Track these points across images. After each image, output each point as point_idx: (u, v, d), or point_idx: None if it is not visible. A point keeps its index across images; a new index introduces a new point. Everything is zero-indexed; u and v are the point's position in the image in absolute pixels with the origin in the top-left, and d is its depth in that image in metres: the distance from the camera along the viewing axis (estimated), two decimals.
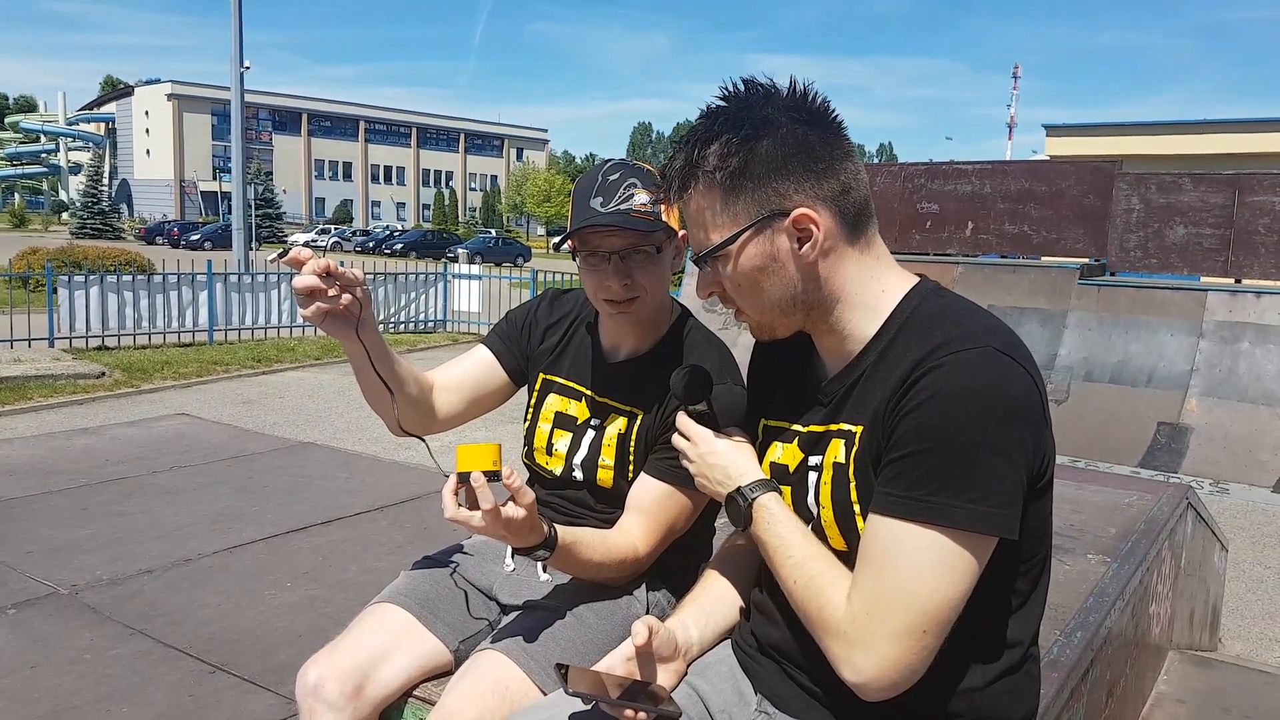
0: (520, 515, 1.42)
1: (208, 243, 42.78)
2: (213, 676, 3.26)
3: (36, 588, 3.92)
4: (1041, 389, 1.17)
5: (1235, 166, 12.36)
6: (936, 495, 1.11)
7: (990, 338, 1.16)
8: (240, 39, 18.97)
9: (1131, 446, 8.17)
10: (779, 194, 1.21)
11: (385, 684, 1.68)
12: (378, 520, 5.02)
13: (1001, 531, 1.13)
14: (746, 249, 1.23)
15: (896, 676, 1.14)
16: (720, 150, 1.21)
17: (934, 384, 1.12)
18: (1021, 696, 1.30)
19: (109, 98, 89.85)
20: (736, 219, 1.23)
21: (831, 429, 1.29)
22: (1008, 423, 1.11)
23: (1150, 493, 3.31)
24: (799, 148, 1.21)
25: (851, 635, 1.15)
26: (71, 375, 9.44)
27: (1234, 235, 9.41)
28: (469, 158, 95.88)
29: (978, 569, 1.13)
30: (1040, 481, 1.19)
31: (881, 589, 1.14)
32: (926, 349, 1.16)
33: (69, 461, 6.04)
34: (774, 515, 1.29)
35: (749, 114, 1.22)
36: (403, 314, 15.23)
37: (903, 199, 11.19)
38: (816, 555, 1.24)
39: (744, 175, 1.21)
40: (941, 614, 1.12)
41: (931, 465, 1.11)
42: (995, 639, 1.25)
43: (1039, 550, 1.26)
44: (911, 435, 1.13)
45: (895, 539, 1.14)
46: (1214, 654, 3.89)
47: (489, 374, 1.87)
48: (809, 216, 1.21)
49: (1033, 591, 1.28)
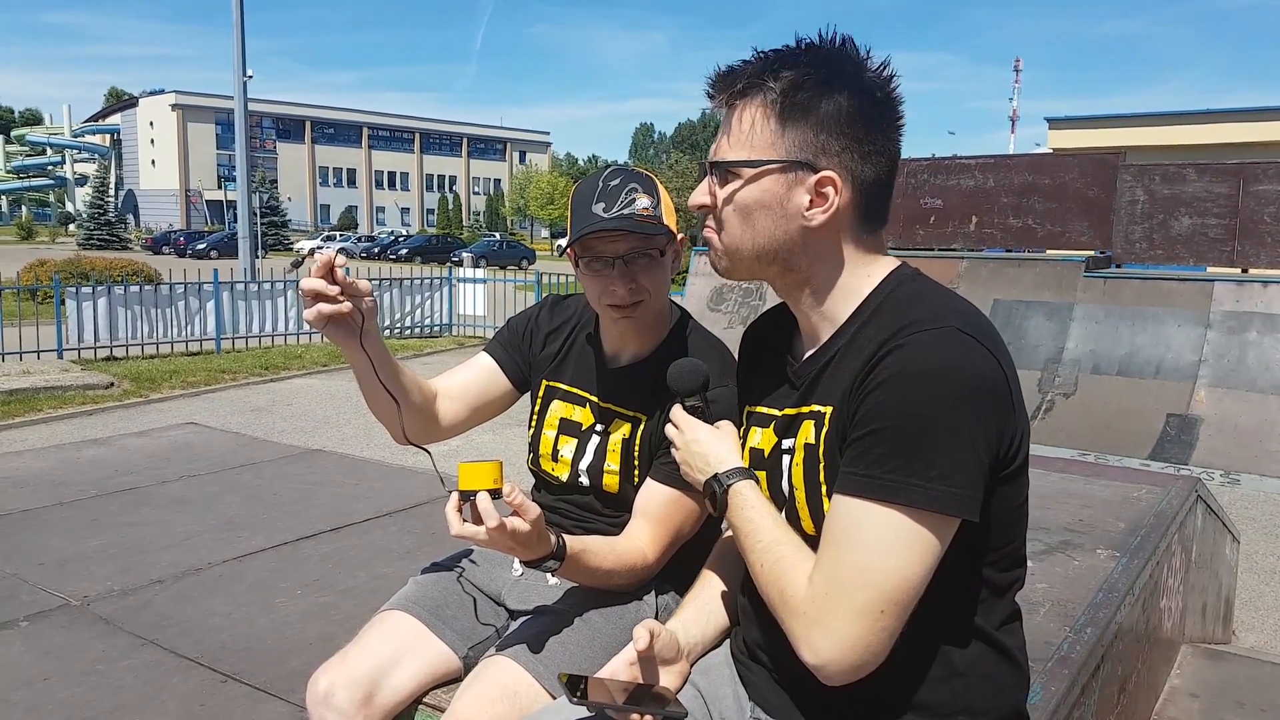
0: (526, 529, 1.42)
1: (214, 251, 42.89)
2: (224, 686, 3.27)
3: (48, 599, 3.94)
4: (1009, 372, 1.16)
5: (1240, 156, 12.31)
6: (896, 474, 1.10)
7: (955, 319, 1.15)
8: (243, 48, 19.00)
9: (1141, 439, 8.14)
10: (821, 149, 1.20)
11: (395, 691, 1.69)
12: (386, 526, 5.03)
13: (962, 512, 1.12)
14: (763, 180, 1.22)
15: (855, 657, 1.12)
16: (795, 78, 1.20)
17: (895, 363, 1.12)
18: (1006, 686, 1.29)
19: (114, 109, 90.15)
20: (773, 148, 1.21)
21: (803, 411, 1.29)
22: (968, 402, 1.10)
23: (1159, 486, 3.30)
24: (861, 119, 1.20)
25: (811, 614, 1.15)
26: (80, 386, 9.48)
27: (1239, 225, 9.38)
28: (472, 162, 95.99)
29: (939, 549, 1.13)
30: (1009, 467, 1.18)
31: (841, 568, 1.14)
32: (892, 330, 1.16)
33: (79, 472, 6.06)
34: (747, 500, 1.29)
35: (837, 63, 1.21)
36: (408, 319, 15.25)
37: (906, 195, 11.17)
38: (784, 539, 1.24)
39: (804, 113, 1.20)
40: (900, 594, 1.11)
41: (891, 444, 1.11)
42: (969, 627, 1.24)
43: (1010, 539, 1.25)
44: (872, 414, 1.13)
45: (855, 517, 1.13)
46: (1227, 647, 3.87)
47: (491, 381, 1.88)
48: (833, 181, 1.20)
49: (1009, 581, 1.27)
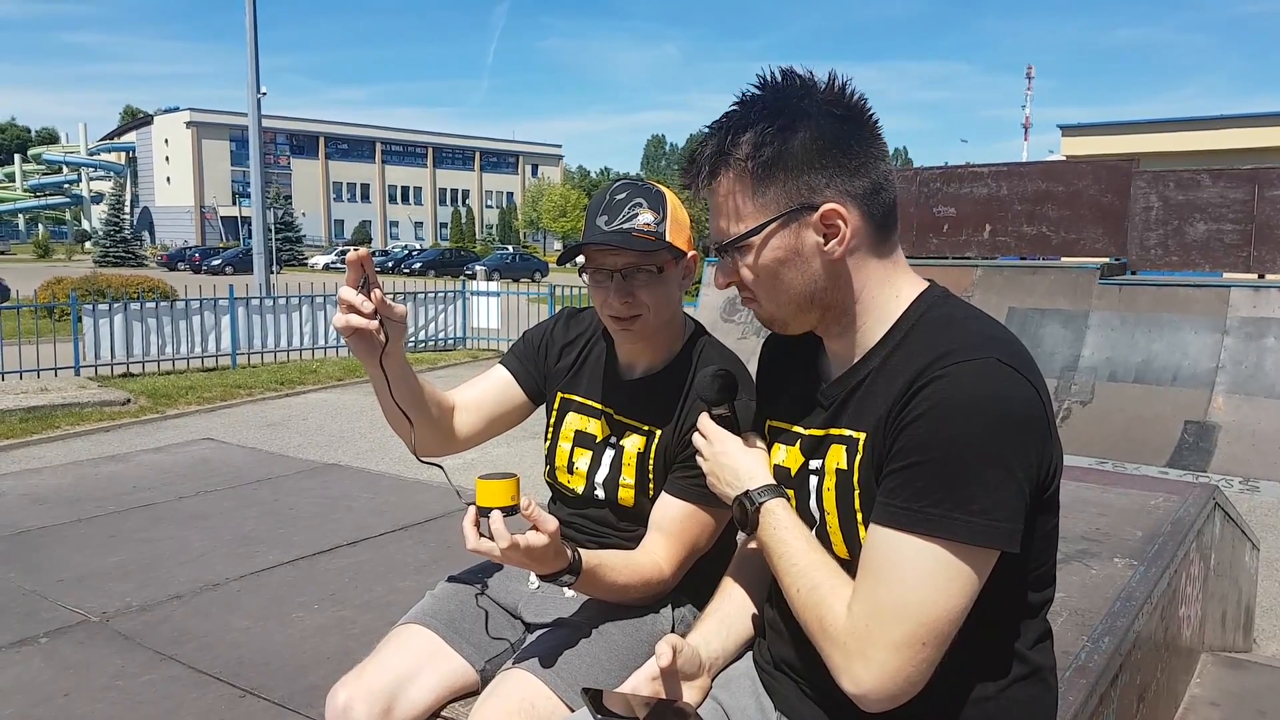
0: (542, 543, 1.42)
1: (229, 267, 43.14)
2: (243, 701, 3.27)
3: (68, 616, 3.96)
4: (1045, 400, 1.16)
5: (1254, 161, 12.26)
6: (937, 507, 1.10)
7: (993, 348, 1.14)
8: (256, 65, 19.16)
9: (1159, 446, 8.08)
10: (810, 188, 1.20)
11: (413, 705, 1.70)
12: (402, 540, 5.03)
13: (1003, 545, 1.12)
14: (771, 240, 1.22)
15: (895, 688, 1.13)
16: (754, 139, 1.20)
17: (935, 395, 1.12)
18: (1038, 707, 1.29)
19: (129, 127, 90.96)
20: (764, 209, 1.21)
21: (832, 433, 1.28)
22: (1009, 434, 1.10)
23: (1176, 494, 3.28)
24: (834, 143, 1.20)
25: (851, 646, 1.15)
26: (97, 403, 9.54)
27: (1255, 230, 9.32)
28: (485, 175, 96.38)
29: (979, 582, 1.13)
30: (1046, 493, 1.17)
31: (881, 600, 1.13)
32: (929, 359, 1.15)
33: (97, 489, 6.08)
34: (779, 520, 1.29)
35: (786, 104, 1.21)
36: (422, 332, 15.30)
37: (919, 203, 11.16)
38: (819, 564, 1.24)
39: (776, 166, 1.19)
40: (941, 626, 1.12)
41: (932, 477, 1.11)
42: (1003, 649, 1.24)
43: (1044, 561, 1.25)
44: (912, 446, 1.12)
45: (895, 550, 1.13)
46: (1248, 655, 3.83)
47: (507, 394, 1.89)
48: (838, 212, 1.20)
49: (1040, 602, 1.27)
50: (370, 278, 1.47)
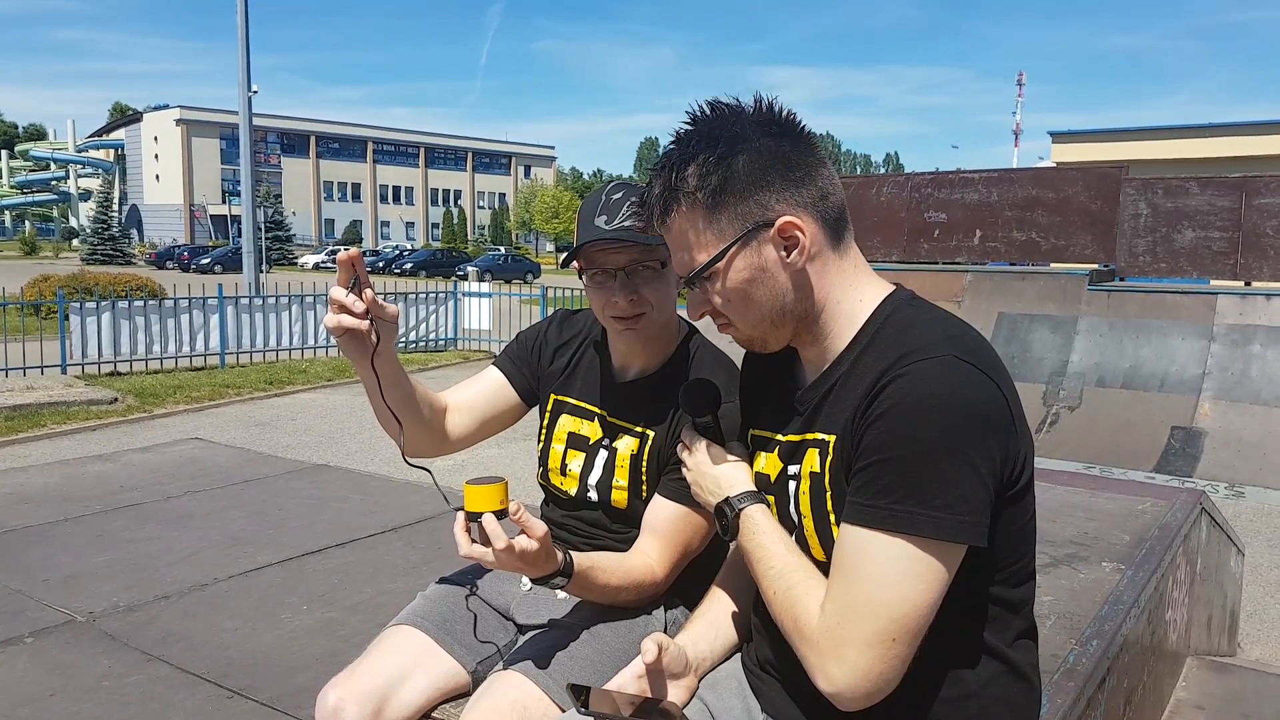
0: (534, 547, 1.43)
1: (218, 266, 43.03)
2: (231, 701, 3.27)
3: (53, 615, 3.94)
4: (1009, 396, 1.18)
5: (1242, 169, 12.34)
6: (901, 504, 1.12)
7: (952, 346, 1.17)
8: (247, 63, 19.09)
9: (1145, 451, 8.13)
10: (761, 205, 1.23)
11: (404, 706, 1.69)
12: (392, 541, 5.02)
13: (968, 539, 1.13)
14: (735, 263, 1.25)
15: (869, 685, 1.14)
16: (699, 170, 1.23)
17: (896, 393, 1.14)
18: (1019, 706, 1.30)
19: (118, 124, 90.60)
20: (722, 235, 1.24)
21: (807, 438, 1.30)
22: (970, 430, 1.12)
23: (1163, 498, 3.30)
24: (775, 158, 1.23)
25: (824, 645, 1.17)
26: (84, 401, 9.50)
27: (1242, 238, 9.40)
28: (477, 176, 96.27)
29: (947, 577, 1.14)
30: (1014, 488, 1.19)
31: (851, 598, 1.15)
32: (891, 359, 1.18)
33: (84, 488, 6.06)
34: (758, 526, 1.31)
35: (721, 131, 1.24)
36: (413, 333, 15.27)
37: (910, 209, 11.20)
38: (796, 566, 1.26)
39: (725, 191, 1.22)
40: (910, 622, 1.13)
41: (895, 474, 1.13)
42: (982, 646, 1.25)
43: (1019, 557, 1.26)
44: (876, 444, 1.15)
45: (863, 548, 1.15)
46: (1233, 659, 3.86)
47: (500, 395, 1.89)
48: (794, 224, 1.23)
49: (1019, 599, 1.28)
50: (361, 277, 1.47)
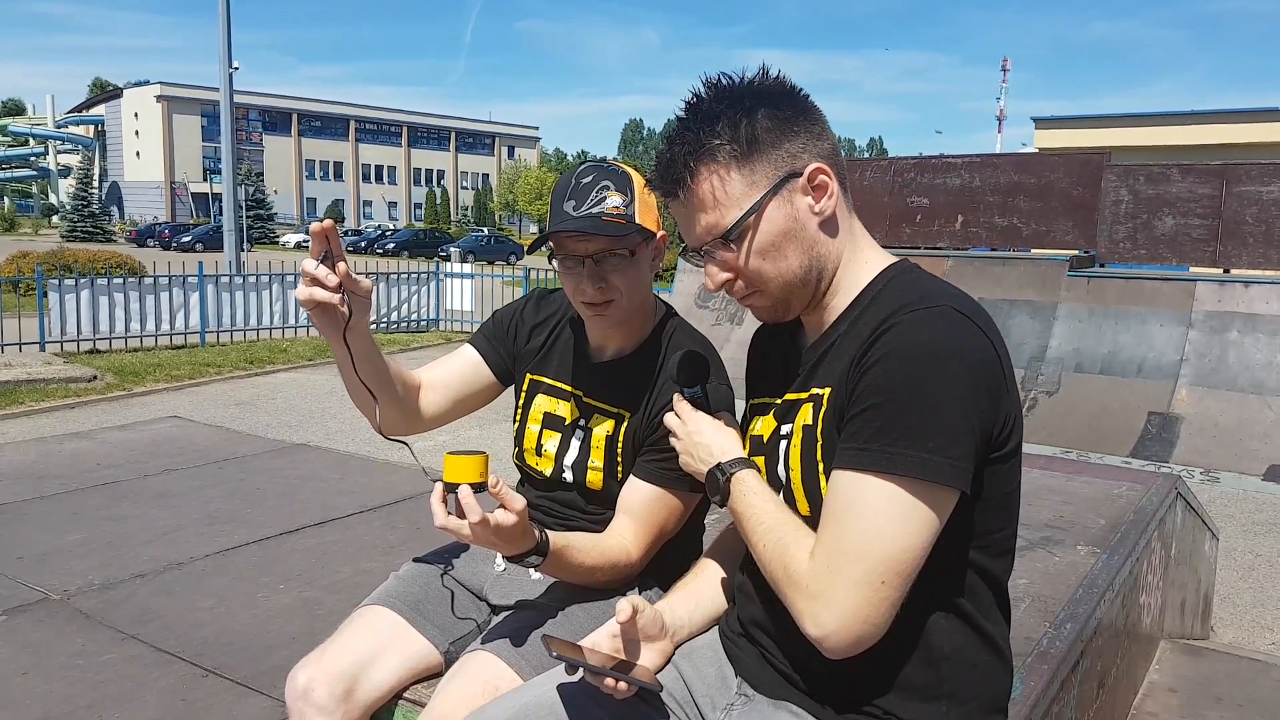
0: (511, 522, 1.41)
1: (199, 244, 42.59)
2: (206, 680, 3.25)
3: (28, 593, 3.91)
4: (1001, 353, 1.20)
5: (1223, 157, 12.40)
6: (893, 446, 1.13)
7: (951, 300, 1.20)
8: (229, 39, 18.89)
9: (1122, 437, 8.19)
10: (791, 154, 1.25)
11: (375, 686, 1.68)
12: (370, 521, 5.01)
13: (957, 482, 1.14)
14: (769, 214, 1.26)
15: (857, 628, 1.15)
16: (729, 123, 1.24)
17: (891, 340, 1.16)
18: (989, 675, 1.31)
19: (98, 100, 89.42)
20: (756, 186, 1.25)
21: (802, 396, 1.32)
22: (961, 377, 1.14)
23: (1140, 483, 3.33)
24: (797, 111, 1.27)
25: (813, 588, 1.17)
26: (63, 379, 9.41)
27: (1222, 225, 9.45)
28: (460, 156, 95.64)
29: (937, 522, 1.15)
30: (1002, 449, 1.20)
31: (841, 540, 1.16)
32: (890, 310, 1.20)
33: (60, 466, 6.02)
34: (749, 487, 1.32)
35: (739, 93, 1.26)
36: (395, 313, 15.21)
37: (893, 193, 11.21)
38: (785, 521, 1.27)
39: (759, 141, 1.24)
40: (899, 564, 1.14)
41: (888, 417, 1.14)
42: (954, 611, 1.26)
43: (1000, 526, 1.27)
44: (869, 389, 1.16)
45: (854, 490, 1.16)
46: (1206, 642, 3.90)
47: (475, 374, 1.87)
48: (821, 169, 1.26)
49: (997, 571, 1.29)
50: (335, 250, 1.44)
